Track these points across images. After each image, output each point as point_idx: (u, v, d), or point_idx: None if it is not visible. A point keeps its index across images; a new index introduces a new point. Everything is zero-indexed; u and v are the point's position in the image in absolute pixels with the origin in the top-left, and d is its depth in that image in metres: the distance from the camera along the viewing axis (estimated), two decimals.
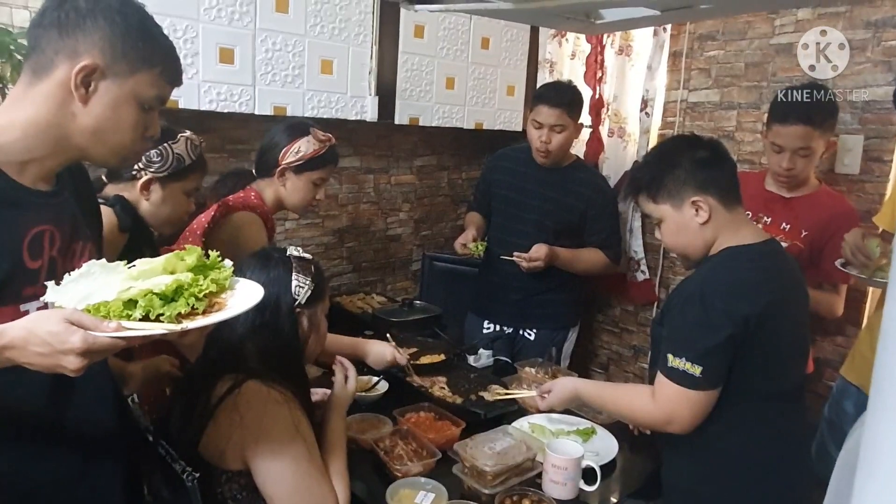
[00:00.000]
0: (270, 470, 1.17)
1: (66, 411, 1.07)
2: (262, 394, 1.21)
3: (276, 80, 2.39)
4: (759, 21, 2.55)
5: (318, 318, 1.41)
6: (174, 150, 1.57)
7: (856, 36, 2.28)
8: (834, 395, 2.05)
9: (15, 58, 1.67)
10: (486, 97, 3.12)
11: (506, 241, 2.48)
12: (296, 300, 1.33)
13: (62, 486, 1.07)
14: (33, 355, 0.84)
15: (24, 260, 0.97)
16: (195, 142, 1.62)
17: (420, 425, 1.64)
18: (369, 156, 3.05)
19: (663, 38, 2.77)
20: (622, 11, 1.47)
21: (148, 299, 0.89)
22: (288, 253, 1.39)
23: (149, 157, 1.54)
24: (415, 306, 2.45)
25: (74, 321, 0.84)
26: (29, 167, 1.00)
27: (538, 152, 2.39)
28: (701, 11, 1.59)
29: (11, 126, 0.98)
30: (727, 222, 1.43)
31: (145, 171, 1.56)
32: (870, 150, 2.29)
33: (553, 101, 2.32)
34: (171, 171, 1.58)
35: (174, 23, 2.10)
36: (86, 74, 0.97)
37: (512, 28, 3.14)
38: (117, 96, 1.00)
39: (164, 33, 1.07)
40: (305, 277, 1.35)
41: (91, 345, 0.83)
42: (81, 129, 1.00)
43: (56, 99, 0.98)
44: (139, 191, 1.56)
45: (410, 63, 2.79)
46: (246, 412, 1.19)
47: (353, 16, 2.56)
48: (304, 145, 1.86)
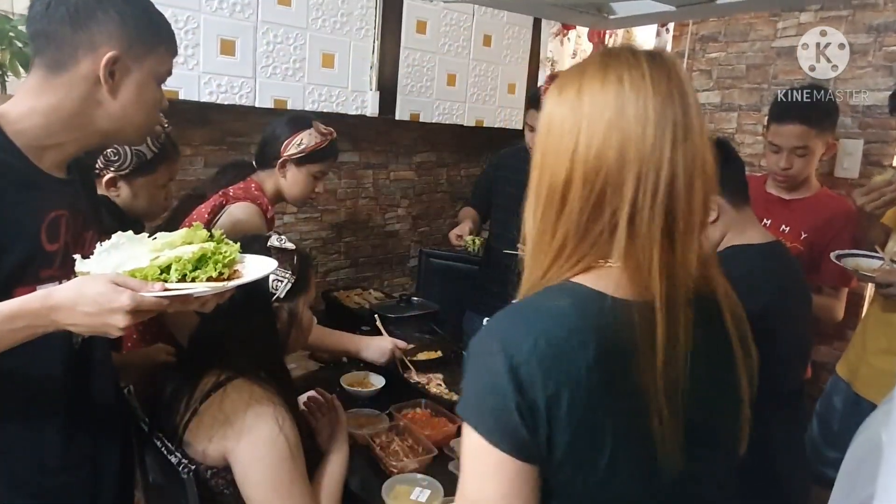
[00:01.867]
0: (249, 471, 1.15)
1: (78, 395, 1.09)
2: (246, 392, 1.19)
3: (277, 73, 2.38)
4: (761, 23, 2.55)
5: (298, 311, 1.37)
6: (132, 147, 1.49)
7: (857, 40, 2.29)
8: (826, 391, 2.06)
9: (15, 45, 1.66)
10: (487, 94, 3.11)
11: (509, 238, 2.49)
12: (273, 294, 1.31)
13: (70, 467, 1.09)
14: (81, 315, 0.88)
15: (43, 242, 0.99)
16: (156, 133, 1.53)
17: (416, 422, 1.64)
18: (368, 151, 3.04)
19: (665, 38, 2.77)
20: (636, 6, 1.46)
21: (182, 264, 0.95)
22: (268, 244, 1.35)
23: (106, 157, 1.48)
24: (412, 303, 2.44)
25: (120, 283, 0.89)
26: (48, 153, 1.02)
27: (529, 151, 2.44)
28: (718, 8, 1.57)
29: (33, 112, 0.99)
30: (735, 221, 1.43)
31: (106, 170, 1.50)
32: (870, 154, 2.30)
33: (537, 104, 2.38)
34: (133, 167, 1.52)
35: (175, 13, 2.09)
36: (112, 65, 1.00)
37: (514, 26, 3.13)
38: (139, 80, 1.04)
39: (156, 7, 1.10)
40: (284, 270, 1.32)
41: (140, 303, 0.89)
42: (109, 115, 1.03)
43: (80, 89, 1.00)
44: (106, 188, 1.51)
45: (412, 59, 2.78)
46: (230, 411, 1.17)
47: (356, 10, 2.55)
48: (307, 138, 1.87)
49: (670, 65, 0.78)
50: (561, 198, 0.78)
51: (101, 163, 1.50)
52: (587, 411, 0.72)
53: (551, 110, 0.81)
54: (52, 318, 0.89)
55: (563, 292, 0.78)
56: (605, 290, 0.76)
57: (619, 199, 0.74)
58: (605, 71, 0.77)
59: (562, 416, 0.71)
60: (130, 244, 0.99)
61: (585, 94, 0.77)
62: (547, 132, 0.81)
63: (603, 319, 0.74)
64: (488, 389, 0.73)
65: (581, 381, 0.71)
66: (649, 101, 0.74)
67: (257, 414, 1.17)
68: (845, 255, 1.85)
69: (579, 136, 0.76)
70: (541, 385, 0.70)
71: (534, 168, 0.83)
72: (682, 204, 0.74)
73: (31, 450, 1.05)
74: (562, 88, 0.81)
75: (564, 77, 0.84)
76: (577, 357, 0.71)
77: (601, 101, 0.76)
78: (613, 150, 0.74)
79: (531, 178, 0.83)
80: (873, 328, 1.89)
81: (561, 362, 0.71)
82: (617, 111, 0.75)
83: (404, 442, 1.54)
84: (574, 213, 0.77)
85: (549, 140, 0.80)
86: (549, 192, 0.79)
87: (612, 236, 0.76)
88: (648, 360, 0.72)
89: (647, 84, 0.75)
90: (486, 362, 0.74)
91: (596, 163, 0.75)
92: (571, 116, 0.78)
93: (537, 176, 0.82)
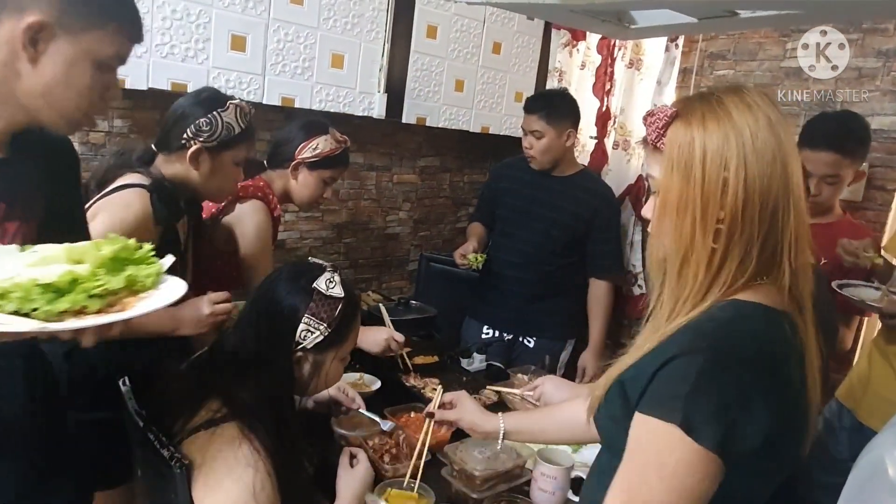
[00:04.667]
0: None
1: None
2: (234, 445, 1.08)
3: (286, 71, 2.38)
4: (770, 43, 2.56)
5: (324, 365, 1.25)
6: (223, 119, 1.48)
7: (866, 64, 2.29)
8: (826, 417, 2.05)
9: None
10: (493, 102, 3.12)
11: (511, 248, 2.51)
12: (299, 343, 1.20)
13: None
14: None
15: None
16: (245, 109, 1.54)
17: (410, 426, 1.63)
18: (373, 153, 3.04)
19: (675, 54, 2.78)
20: (657, 16, 1.46)
21: (26, 290, 0.76)
22: (314, 284, 1.22)
23: (198, 126, 1.47)
24: (411, 306, 2.43)
25: None
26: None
27: (527, 158, 2.45)
28: (740, 22, 1.56)
29: None
30: None
31: (194, 140, 1.47)
32: (874, 178, 2.30)
33: (529, 108, 2.42)
34: (221, 140, 1.50)
35: (188, 7, 2.10)
36: (35, 32, 0.88)
37: (524, 35, 3.14)
38: (69, 55, 0.92)
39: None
40: (319, 322, 1.20)
41: None
42: (29, 91, 0.92)
43: (1, 54, 0.89)
44: (188, 162, 1.49)
45: (421, 63, 2.78)
46: (211, 458, 1.07)
47: (367, 12, 2.56)
48: (322, 143, 1.88)
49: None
50: (731, 223, 0.84)
51: (190, 132, 1.47)
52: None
53: (700, 139, 0.86)
54: None
55: (755, 310, 0.86)
56: (773, 306, 0.87)
57: (785, 221, 0.84)
58: (742, 97, 0.86)
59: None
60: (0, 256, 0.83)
61: (739, 124, 0.85)
62: (701, 160, 0.86)
63: (783, 332, 0.86)
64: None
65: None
66: (790, 129, 0.87)
67: (235, 478, 1.06)
68: (845, 285, 1.84)
69: (747, 165, 0.84)
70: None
71: (689, 196, 0.87)
72: (806, 224, 0.88)
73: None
74: (705, 117, 0.87)
75: (702, 106, 0.89)
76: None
77: (763, 130, 0.85)
78: (778, 177, 0.84)
79: (678, 202, 0.88)
80: (878, 357, 1.88)
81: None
82: (777, 139, 0.85)
83: (398, 445, 1.53)
84: (744, 237, 0.85)
85: (707, 168, 0.85)
86: (709, 217, 0.85)
87: (773, 255, 0.86)
88: (806, 361, 0.87)
89: (781, 115, 0.87)
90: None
91: (766, 190, 0.84)
92: (732, 145, 0.84)
93: (693, 201, 0.86)
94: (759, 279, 0.87)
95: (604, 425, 0.99)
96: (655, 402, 0.83)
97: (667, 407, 0.80)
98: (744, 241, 0.85)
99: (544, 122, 2.36)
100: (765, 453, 0.81)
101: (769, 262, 0.86)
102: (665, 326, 0.90)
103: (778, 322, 0.86)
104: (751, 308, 0.86)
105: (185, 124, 1.48)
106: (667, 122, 0.90)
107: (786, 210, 0.84)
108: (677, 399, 0.79)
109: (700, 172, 0.86)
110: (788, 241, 0.85)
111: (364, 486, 1.28)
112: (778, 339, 0.85)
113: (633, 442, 0.85)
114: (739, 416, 0.78)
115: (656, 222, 0.93)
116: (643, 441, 0.83)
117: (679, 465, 0.78)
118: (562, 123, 2.38)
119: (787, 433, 0.84)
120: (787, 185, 0.84)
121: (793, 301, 0.88)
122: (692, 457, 0.78)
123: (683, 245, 0.88)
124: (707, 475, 0.78)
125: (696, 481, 0.78)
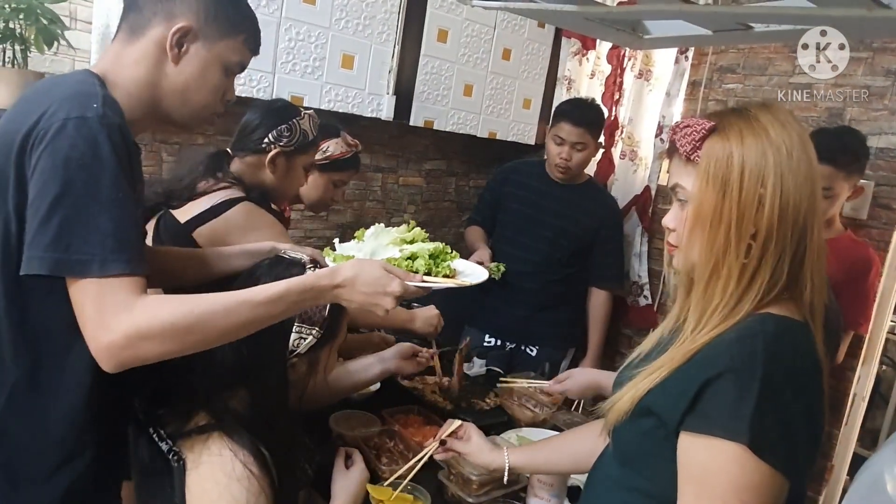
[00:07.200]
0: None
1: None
2: (224, 460, 1.03)
3: (296, 70, 2.39)
4: (780, 58, 2.56)
5: (320, 360, 1.23)
6: (300, 126, 1.62)
7: (875, 83, 2.30)
8: None
9: (41, 21, 1.67)
10: (502, 108, 3.13)
11: (515, 256, 2.47)
12: (293, 351, 1.17)
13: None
14: (358, 293, 1.00)
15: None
16: (315, 118, 1.68)
17: (408, 427, 1.63)
18: (380, 154, 3.05)
19: (684, 66, 2.78)
20: (672, 27, 1.46)
21: (425, 260, 1.11)
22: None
23: (280, 132, 1.59)
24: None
25: (389, 270, 1.02)
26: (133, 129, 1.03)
27: (556, 168, 2.40)
28: (754, 35, 1.57)
29: (115, 87, 1.02)
30: None
31: (275, 144, 1.60)
32: (879, 196, 2.30)
33: (576, 119, 2.33)
34: (298, 145, 1.62)
35: None
36: (181, 35, 1.03)
37: (534, 42, 3.15)
38: (205, 59, 1.07)
39: (248, 3, 1.15)
40: (310, 327, 1.17)
41: (405, 290, 1.02)
42: (171, 89, 1.06)
43: (152, 58, 1.04)
44: (267, 164, 1.61)
45: (431, 66, 2.79)
46: (202, 466, 1.04)
47: (379, 14, 2.57)
48: (333, 146, 1.90)
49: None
50: (766, 238, 0.85)
51: (271, 137, 1.60)
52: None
53: (739, 154, 0.87)
54: (336, 293, 1.00)
55: (793, 325, 0.88)
56: (800, 319, 0.89)
57: (811, 237, 0.87)
58: (775, 115, 0.89)
59: None
60: (376, 236, 1.18)
61: (776, 141, 0.86)
62: (738, 175, 0.86)
63: (814, 346, 0.88)
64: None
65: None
66: (813, 147, 0.89)
67: (221, 495, 1.01)
68: None
69: (783, 183, 0.85)
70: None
71: (724, 210, 0.87)
72: (823, 240, 0.91)
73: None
74: (743, 133, 0.88)
75: (739, 121, 0.90)
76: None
77: (797, 148, 0.87)
78: (808, 195, 0.86)
79: (712, 215, 0.88)
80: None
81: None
82: (808, 156, 0.88)
83: (395, 447, 1.53)
84: (776, 252, 0.86)
85: (744, 183, 0.86)
86: (743, 232, 0.86)
87: (801, 270, 0.88)
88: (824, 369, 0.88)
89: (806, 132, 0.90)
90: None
91: (798, 207, 0.86)
92: (770, 162, 0.86)
93: (728, 216, 0.87)
94: (784, 293, 0.88)
95: (627, 439, 0.97)
96: (715, 422, 0.81)
97: (730, 427, 0.79)
98: (776, 256, 0.86)
99: (590, 135, 2.34)
100: (809, 466, 0.85)
101: (795, 277, 0.88)
102: (692, 338, 0.89)
103: (809, 336, 0.88)
104: (788, 323, 0.87)
105: (264, 131, 1.60)
106: (703, 135, 0.89)
107: (812, 227, 0.87)
108: (741, 419, 0.79)
109: (737, 187, 0.86)
110: (812, 256, 0.88)
111: (359, 488, 1.25)
112: (813, 353, 0.87)
113: (695, 467, 0.83)
114: (799, 434, 0.79)
115: (686, 234, 0.92)
116: (710, 465, 0.81)
117: (754, 486, 0.79)
118: (599, 135, 2.38)
119: (819, 446, 0.88)
120: (815, 202, 0.87)
121: (810, 315, 0.90)
122: (764, 477, 0.78)
123: (714, 258, 0.88)
124: (781, 494, 0.80)
125: (770, 500, 0.79)
